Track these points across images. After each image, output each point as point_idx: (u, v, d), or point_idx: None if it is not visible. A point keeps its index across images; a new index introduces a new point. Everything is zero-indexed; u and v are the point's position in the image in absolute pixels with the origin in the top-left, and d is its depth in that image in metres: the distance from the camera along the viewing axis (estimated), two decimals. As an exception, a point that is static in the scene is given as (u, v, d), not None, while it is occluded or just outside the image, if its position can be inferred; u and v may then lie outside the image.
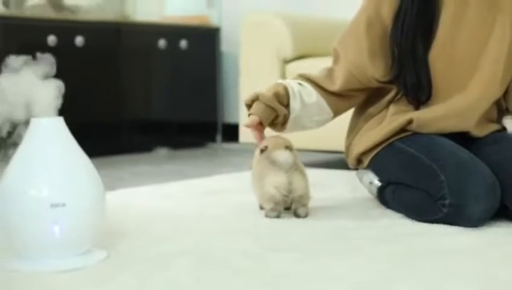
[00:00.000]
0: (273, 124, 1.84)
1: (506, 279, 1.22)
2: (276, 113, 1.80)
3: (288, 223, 1.69)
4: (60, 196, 1.29)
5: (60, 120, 1.36)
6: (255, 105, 1.79)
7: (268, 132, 1.85)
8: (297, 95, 1.80)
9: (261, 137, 1.80)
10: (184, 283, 1.20)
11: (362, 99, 1.90)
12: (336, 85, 1.84)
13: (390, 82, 1.80)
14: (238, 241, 1.49)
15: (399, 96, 1.81)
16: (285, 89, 1.80)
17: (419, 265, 1.30)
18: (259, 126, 1.80)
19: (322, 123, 1.90)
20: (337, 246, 1.46)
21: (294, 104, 1.80)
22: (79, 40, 3.40)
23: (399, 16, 1.77)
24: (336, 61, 1.87)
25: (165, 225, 1.68)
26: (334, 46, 1.88)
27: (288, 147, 1.78)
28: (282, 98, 1.80)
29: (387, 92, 1.83)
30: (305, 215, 1.73)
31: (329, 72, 1.86)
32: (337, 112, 1.88)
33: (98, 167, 1.38)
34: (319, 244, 1.48)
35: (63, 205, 1.29)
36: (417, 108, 1.79)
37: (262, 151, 1.78)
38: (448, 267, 1.28)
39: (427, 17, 1.76)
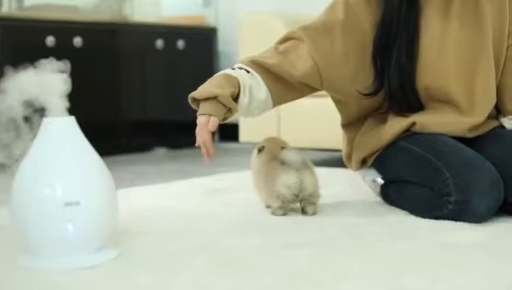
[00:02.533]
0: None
1: (512, 272, 1.25)
2: (228, 109, 1.72)
3: (296, 220, 1.70)
4: (73, 195, 1.30)
5: (72, 119, 1.37)
6: (210, 104, 1.69)
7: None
8: (247, 92, 1.74)
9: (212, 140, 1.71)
10: (202, 280, 1.20)
11: (303, 96, 1.86)
12: (298, 71, 1.78)
13: (373, 94, 1.78)
14: (249, 239, 1.50)
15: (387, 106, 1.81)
16: (238, 85, 1.73)
17: (429, 259, 1.32)
18: None
19: (258, 114, 1.84)
20: (349, 243, 1.47)
21: (244, 101, 1.74)
22: (77, 41, 3.41)
23: (383, 28, 1.75)
24: (295, 44, 1.80)
25: (173, 223, 1.70)
26: (295, 31, 1.81)
27: (284, 147, 1.79)
28: (234, 95, 1.73)
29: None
30: (313, 213, 1.74)
31: (284, 56, 1.79)
32: (277, 104, 1.83)
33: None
34: (331, 241, 1.49)
35: (77, 203, 1.30)
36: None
37: (259, 150, 1.80)
38: (457, 261, 1.31)
39: (411, 29, 1.75)
